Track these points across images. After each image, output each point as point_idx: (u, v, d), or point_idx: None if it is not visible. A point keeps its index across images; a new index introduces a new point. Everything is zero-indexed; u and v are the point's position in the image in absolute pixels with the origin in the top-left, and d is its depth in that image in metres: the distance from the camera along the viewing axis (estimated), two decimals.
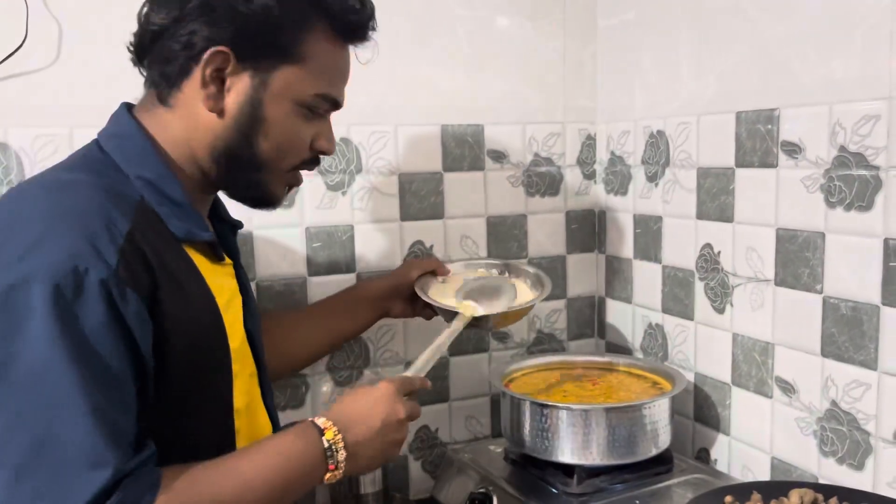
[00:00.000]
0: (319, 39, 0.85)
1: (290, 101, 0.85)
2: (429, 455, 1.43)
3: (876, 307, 0.98)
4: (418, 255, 1.38)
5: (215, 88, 0.82)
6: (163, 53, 0.83)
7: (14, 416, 0.67)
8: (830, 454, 1.06)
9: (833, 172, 1.02)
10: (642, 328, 1.43)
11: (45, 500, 0.65)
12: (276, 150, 0.86)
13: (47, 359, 0.67)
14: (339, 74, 0.91)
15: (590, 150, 1.51)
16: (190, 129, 0.84)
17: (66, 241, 0.70)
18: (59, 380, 0.67)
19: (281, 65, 0.83)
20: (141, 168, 0.82)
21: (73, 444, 0.66)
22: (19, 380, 0.67)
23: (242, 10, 0.80)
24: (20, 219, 0.74)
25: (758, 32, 1.13)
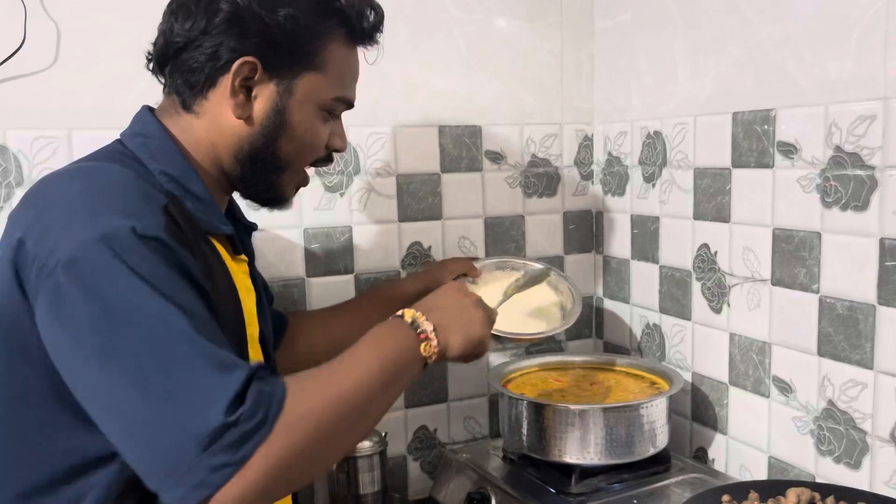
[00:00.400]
0: (338, 46, 0.89)
1: (312, 105, 0.88)
2: (427, 455, 1.44)
3: (872, 306, 0.98)
4: (417, 256, 1.38)
5: (243, 97, 0.85)
6: (187, 64, 0.85)
7: (134, 360, 0.68)
8: (827, 453, 1.07)
9: (829, 172, 1.02)
10: (640, 328, 1.44)
11: (191, 405, 0.67)
12: (297, 152, 0.90)
13: (141, 305, 0.68)
14: (354, 76, 0.95)
15: (587, 151, 1.51)
16: (215, 133, 0.87)
17: (114, 209, 0.72)
18: (163, 321, 0.69)
19: (304, 72, 0.87)
20: (165, 164, 0.84)
21: (202, 356, 0.68)
22: (126, 332, 0.68)
23: (268, 20, 0.83)
24: (59, 200, 0.75)
25: (753, 33, 1.13)
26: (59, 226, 0.72)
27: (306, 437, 0.70)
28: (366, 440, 1.25)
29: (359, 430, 0.79)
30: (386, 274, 1.36)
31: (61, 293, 0.69)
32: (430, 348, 0.85)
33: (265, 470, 0.67)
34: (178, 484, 0.66)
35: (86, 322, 0.68)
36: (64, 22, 1.13)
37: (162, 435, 0.67)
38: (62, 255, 0.69)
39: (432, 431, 1.44)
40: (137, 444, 0.68)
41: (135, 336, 0.68)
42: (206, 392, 0.67)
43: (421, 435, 1.43)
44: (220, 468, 0.66)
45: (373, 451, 1.25)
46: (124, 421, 0.68)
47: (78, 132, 1.13)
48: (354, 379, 0.77)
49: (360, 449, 1.24)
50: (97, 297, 0.68)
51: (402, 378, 0.84)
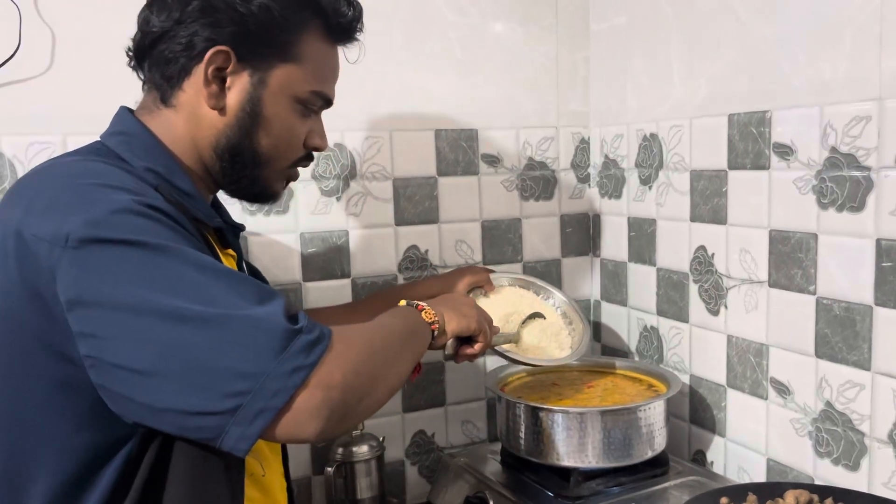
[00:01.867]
0: (314, 39, 0.89)
1: (287, 97, 0.88)
2: (425, 460, 1.43)
3: (869, 307, 0.98)
4: (414, 259, 1.38)
5: (217, 87, 0.85)
6: (164, 55, 0.85)
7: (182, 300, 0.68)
8: (825, 455, 1.06)
9: (825, 174, 1.02)
10: (637, 331, 1.43)
11: (253, 320, 0.68)
12: (275, 147, 0.89)
13: (168, 254, 0.69)
14: (331, 73, 0.94)
15: (583, 154, 1.51)
16: (193, 126, 0.86)
17: (112, 187, 0.73)
18: (195, 263, 0.70)
19: (279, 63, 0.86)
20: (149, 161, 0.83)
21: (245, 284, 0.71)
22: (164, 277, 0.68)
23: (242, 10, 0.83)
24: (49, 189, 0.74)
25: (747, 35, 1.13)
26: (58, 209, 0.71)
27: (358, 354, 0.74)
28: (364, 444, 1.24)
29: (394, 370, 0.81)
30: (383, 278, 1.36)
31: (83, 262, 0.68)
32: (430, 315, 0.94)
33: (341, 377, 0.70)
34: (257, 397, 0.66)
35: (119, 276, 0.68)
36: (59, 27, 1.13)
37: (231, 354, 0.66)
38: (73, 232, 0.68)
39: (430, 436, 1.43)
40: (204, 374, 0.66)
41: (176, 277, 0.68)
42: (261, 311, 0.68)
43: (419, 439, 1.43)
44: (294, 371, 0.67)
45: (370, 456, 1.25)
46: (187, 354, 0.66)
47: (73, 137, 1.13)
48: (383, 325, 0.85)
49: (358, 454, 1.24)
50: (122, 255, 0.68)
51: (418, 339, 0.91)
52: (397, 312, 0.92)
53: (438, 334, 0.95)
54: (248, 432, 0.66)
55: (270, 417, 0.66)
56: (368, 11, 1.30)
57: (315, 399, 0.68)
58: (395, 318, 0.90)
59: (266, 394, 0.66)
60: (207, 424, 0.67)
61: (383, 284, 1.36)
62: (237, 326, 0.67)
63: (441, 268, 1.40)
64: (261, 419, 0.66)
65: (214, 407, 0.66)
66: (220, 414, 0.66)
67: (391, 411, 1.39)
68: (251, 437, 0.67)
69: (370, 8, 1.30)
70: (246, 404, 0.66)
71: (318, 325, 0.71)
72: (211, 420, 0.67)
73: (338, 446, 1.25)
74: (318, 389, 0.68)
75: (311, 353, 0.68)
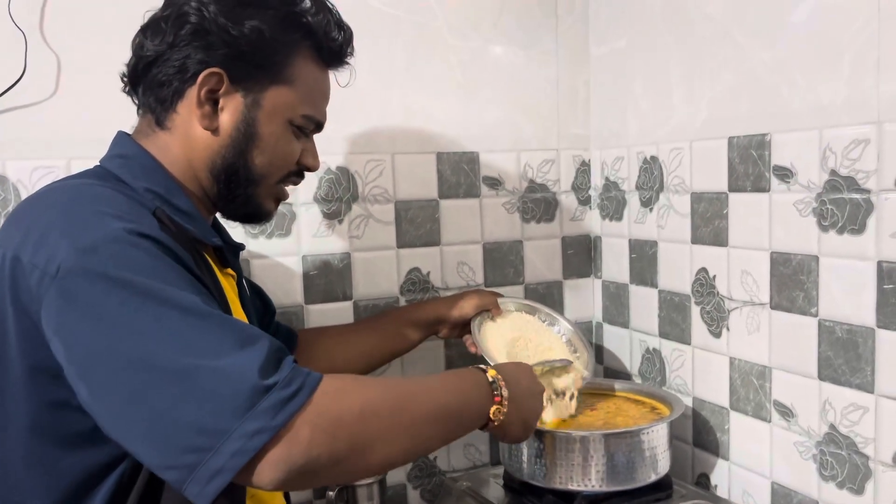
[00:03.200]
0: (305, 62, 0.90)
1: (281, 119, 0.89)
2: (427, 484, 1.42)
3: (871, 330, 0.98)
4: (416, 282, 1.38)
5: (209, 108, 0.86)
6: (157, 79, 0.86)
7: (156, 343, 0.67)
8: (830, 478, 1.06)
9: (825, 196, 1.03)
10: (640, 353, 1.43)
11: (223, 374, 0.66)
12: (269, 165, 0.90)
13: (152, 293, 0.68)
14: (323, 96, 0.96)
15: (584, 176, 1.52)
16: (188, 148, 0.87)
17: (107, 214, 0.73)
18: (179, 305, 0.68)
19: (272, 85, 0.88)
20: (148, 182, 0.84)
21: (225, 329, 0.69)
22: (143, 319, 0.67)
23: (234, 32, 0.84)
24: (47, 214, 0.75)
25: (746, 59, 1.14)
26: (54, 236, 0.71)
27: (347, 413, 0.69)
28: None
29: (401, 444, 0.74)
30: (385, 300, 1.36)
31: (68, 294, 0.68)
32: (499, 414, 0.87)
33: (309, 437, 0.66)
34: (216, 456, 0.64)
35: (99, 314, 0.68)
36: (64, 53, 1.14)
37: (196, 409, 0.65)
38: (64, 261, 0.69)
39: (432, 459, 1.43)
40: (167, 426, 0.65)
41: (153, 320, 0.67)
42: (238, 360, 0.66)
43: (421, 463, 1.42)
44: (257, 433, 0.64)
45: (372, 480, 1.24)
46: (152, 404, 0.66)
47: (77, 162, 1.14)
48: (407, 391, 0.78)
49: None
50: (106, 292, 0.68)
51: (461, 422, 0.83)
52: (462, 383, 0.85)
53: (491, 430, 0.88)
54: (206, 490, 0.65)
55: (229, 477, 0.65)
56: (371, 35, 1.33)
57: (276, 452, 0.65)
58: (452, 388, 0.83)
59: (225, 454, 0.64)
60: (169, 477, 0.67)
61: (385, 307, 1.36)
62: (206, 379, 0.65)
63: (443, 290, 1.40)
64: (218, 478, 0.64)
65: (174, 461, 0.66)
66: (179, 469, 0.65)
67: None
68: (208, 496, 0.65)
69: (372, 31, 1.33)
70: (206, 462, 0.64)
71: (303, 375, 0.68)
72: (171, 473, 0.66)
73: None
74: (282, 443, 0.65)
75: (279, 413, 0.65)
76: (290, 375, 0.67)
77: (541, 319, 1.29)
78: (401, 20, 1.35)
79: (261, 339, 0.69)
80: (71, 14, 1.14)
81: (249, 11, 0.85)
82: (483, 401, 0.85)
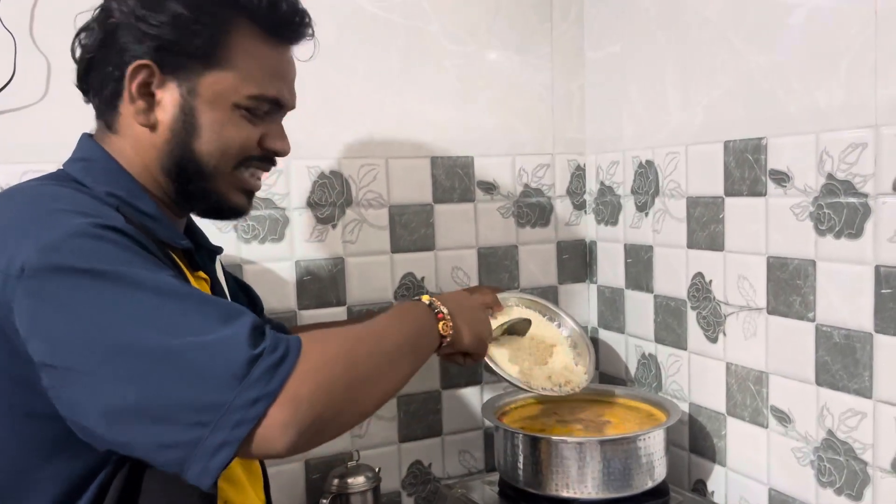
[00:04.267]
0: (244, 40, 0.84)
1: (224, 104, 0.84)
2: (422, 491, 1.41)
3: (869, 335, 0.98)
4: (410, 287, 1.37)
5: (144, 103, 0.82)
6: (97, 80, 0.84)
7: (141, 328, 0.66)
8: (828, 485, 1.05)
9: (822, 200, 1.02)
10: (635, 358, 1.42)
11: (213, 349, 0.66)
12: (220, 155, 0.85)
13: (128, 279, 0.67)
14: (275, 74, 0.88)
15: (579, 181, 1.51)
16: (139, 150, 0.84)
17: (69, 212, 0.71)
18: (156, 288, 0.68)
19: (206, 70, 0.83)
20: (110, 186, 0.81)
21: (207, 306, 0.69)
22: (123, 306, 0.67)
23: (153, 21, 0.80)
24: (5, 216, 0.73)
25: (742, 63, 1.14)
26: (13, 237, 0.69)
27: (332, 366, 0.71)
28: (359, 475, 1.22)
29: (383, 380, 0.77)
30: (379, 305, 1.35)
31: (38, 293, 0.66)
32: (447, 328, 0.92)
33: (310, 394, 0.67)
34: (218, 429, 0.64)
35: (74, 307, 0.66)
36: (54, 56, 1.13)
37: (190, 387, 0.64)
38: (27, 261, 0.67)
39: (427, 466, 1.41)
40: (163, 409, 0.65)
41: (132, 305, 0.66)
42: (223, 335, 0.66)
43: (415, 470, 1.41)
44: (256, 401, 0.64)
45: (366, 488, 1.23)
46: (143, 391, 0.65)
47: None
48: (372, 331, 0.81)
49: (354, 485, 1.22)
50: (77, 285, 0.66)
51: (421, 348, 0.88)
52: (408, 314, 0.89)
53: (445, 347, 0.93)
54: (210, 465, 0.64)
55: (233, 449, 0.65)
56: (366, 39, 1.32)
57: (283, 415, 0.65)
58: (402, 321, 0.87)
59: (226, 425, 0.64)
60: (170, 458, 0.66)
61: (379, 312, 1.35)
62: (195, 356, 0.65)
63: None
64: (223, 451, 0.64)
65: (175, 439, 0.65)
66: (182, 446, 0.65)
67: (387, 441, 1.37)
68: (214, 470, 0.64)
69: (367, 36, 1.32)
70: (207, 436, 0.64)
71: (284, 339, 0.69)
72: (172, 453, 0.65)
73: (333, 478, 1.23)
74: (286, 406, 0.65)
75: (273, 378, 0.65)
76: (274, 342, 0.68)
77: (541, 314, 1.28)
78: (396, 25, 1.34)
79: (243, 313, 0.69)
80: (60, 17, 1.12)
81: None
82: (430, 321, 0.91)
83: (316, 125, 1.28)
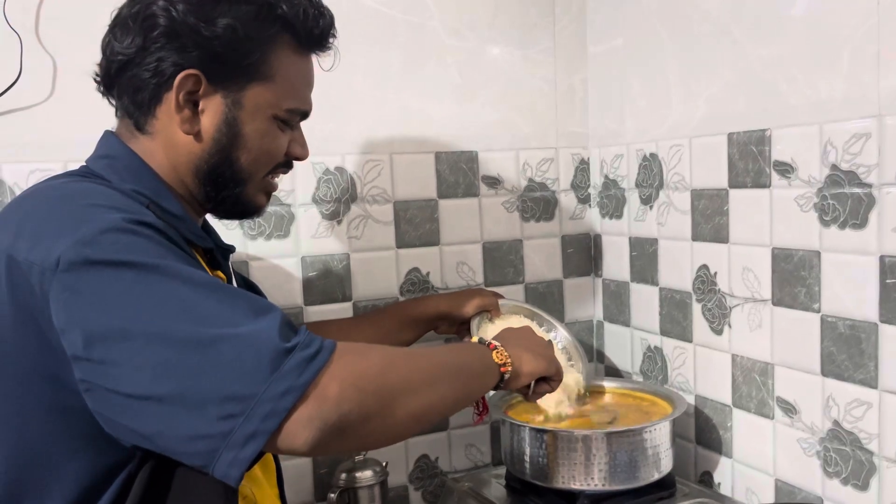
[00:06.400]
0: (285, 54, 0.87)
1: (264, 116, 0.86)
2: (429, 485, 1.42)
3: (874, 325, 0.98)
4: (415, 282, 1.38)
5: (189, 112, 0.83)
6: (132, 82, 0.83)
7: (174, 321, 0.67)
8: (835, 475, 1.05)
9: (826, 191, 1.02)
10: (641, 351, 1.43)
11: (245, 341, 0.66)
12: (255, 163, 0.88)
13: (161, 272, 0.68)
14: (307, 85, 0.93)
15: (583, 175, 1.52)
16: (171, 153, 0.85)
17: (101, 206, 0.72)
18: (189, 280, 0.69)
19: (252, 83, 0.84)
20: (135, 183, 0.82)
21: (239, 299, 0.70)
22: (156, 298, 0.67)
23: (206, 33, 0.80)
24: (38, 211, 0.74)
25: (744, 55, 1.14)
26: (49, 231, 0.70)
27: (369, 367, 0.70)
28: (367, 470, 1.23)
29: (418, 395, 0.75)
30: (384, 301, 1.36)
31: (75, 286, 0.67)
32: (502, 356, 0.90)
33: (338, 392, 0.67)
34: (248, 420, 0.64)
35: (110, 299, 0.67)
36: (60, 55, 1.13)
37: (222, 378, 0.65)
38: (64, 254, 0.67)
39: (433, 460, 1.42)
40: (195, 398, 0.65)
41: (167, 296, 0.67)
42: (256, 327, 0.67)
43: (422, 464, 1.41)
44: (286, 393, 0.65)
45: (374, 482, 1.23)
46: (178, 377, 0.65)
47: (74, 165, 1.10)
48: (415, 350, 0.80)
49: (361, 479, 1.22)
50: (114, 277, 0.67)
51: (473, 376, 0.86)
52: (460, 347, 0.90)
53: (511, 377, 0.91)
54: (240, 456, 0.65)
55: (263, 441, 0.65)
56: (367, 35, 1.32)
57: (307, 410, 0.66)
58: (451, 350, 0.87)
59: (257, 417, 0.64)
60: (200, 449, 0.66)
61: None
62: (228, 347, 0.66)
63: (443, 290, 1.39)
64: (253, 443, 0.65)
65: (206, 430, 0.65)
66: (212, 437, 0.65)
67: None
68: (244, 462, 0.65)
69: (369, 32, 1.32)
70: (238, 427, 0.64)
71: (319, 338, 0.69)
72: (203, 444, 0.65)
73: (340, 472, 1.24)
74: (311, 400, 0.66)
75: (304, 372, 0.66)
76: (309, 338, 0.68)
77: (539, 325, 1.29)
78: (397, 21, 1.34)
79: (273, 308, 0.70)
80: (66, 16, 1.13)
81: (222, 8, 0.81)
82: (482, 352, 0.89)
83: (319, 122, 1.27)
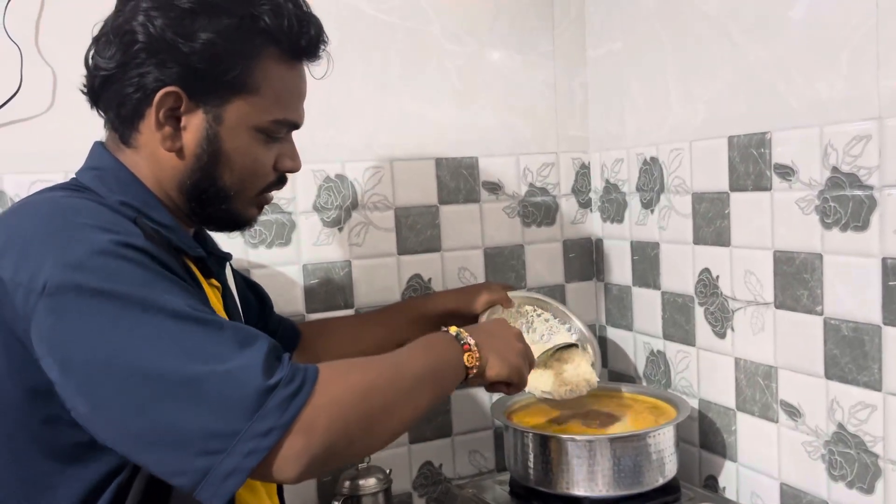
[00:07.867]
0: (270, 66, 0.84)
1: (247, 130, 0.84)
2: (433, 492, 1.41)
3: (877, 327, 0.97)
4: (417, 289, 1.38)
5: (171, 128, 0.82)
6: (115, 97, 0.82)
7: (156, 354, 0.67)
8: (840, 478, 1.05)
9: (827, 193, 1.02)
10: (644, 355, 1.42)
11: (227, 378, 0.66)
12: (241, 180, 0.86)
13: (145, 303, 0.68)
14: (295, 96, 0.89)
15: (584, 179, 1.51)
16: (155, 168, 0.84)
17: (89, 226, 0.72)
18: (173, 313, 0.68)
19: (233, 97, 0.82)
20: (123, 195, 0.81)
21: (223, 332, 0.69)
22: (139, 329, 0.67)
23: (185, 49, 0.79)
24: (24, 230, 0.73)
25: (743, 58, 1.14)
26: (35, 251, 0.70)
27: (351, 395, 0.71)
28: (371, 477, 1.23)
29: (399, 412, 0.77)
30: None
31: (59, 311, 0.67)
32: (473, 359, 0.89)
33: (325, 425, 0.68)
34: (230, 457, 0.65)
35: (94, 329, 0.67)
36: (60, 67, 1.14)
37: (204, 415, 0.65)
38: (50, 278, 0.67)
39: (437, 467, 1.42)
40: (177, 435, 0.66)
41: (151, 330, 0.67)
42: (239, 363, 0.67)
43: (426, 471, 1.41)
44: (269, 431, 0.65)
45: (378, 489, 1.23)
46: (159, 414, 0.66)
47: None
48: (393, 362, 0.80)
49: (365, 487, 1.22)
50: (98, 306, 0.67)
51: (444, 379, 0.86)
52: (432, 346, 0.87)
53: (474, 378, 0.91)
54: (220, 491, 0.65)
55: (244, 476, 0.66)
56: (366, 41, 1.33)
57: (296, 445, 0.67)
58: (426, 352, 0.85)
59: (238, 454, 0.65)
60: (181, 482, 0.67)
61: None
62: (210, 385, 0.66)
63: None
64: (232, 479, 0.65)
65: (185, 466, 0.66)
66: (193, 472, 0.66)
67: (397, 443, 1.37)
68: (225, 495, 0.65)
69: (367, 38, 1.32)
70: (218, 464, 0.65)
71: (302, 369, 0.69)
72: (184, 478, 0.66)
73: (344, 479, 1.23)
74: (299, 435, 0.67)
75: (287, 409, 0.66)
76: (291, 372, 0.68)
77: (553, 315, 1.28)
78: (395, 27, 1.34)
79: (259, 338, 0.70)
80: (66, 27, 1.13)
81: (201, 22, 0.79)
82: (454, 352, 0.88)
83: (319, 129, 1.29)
